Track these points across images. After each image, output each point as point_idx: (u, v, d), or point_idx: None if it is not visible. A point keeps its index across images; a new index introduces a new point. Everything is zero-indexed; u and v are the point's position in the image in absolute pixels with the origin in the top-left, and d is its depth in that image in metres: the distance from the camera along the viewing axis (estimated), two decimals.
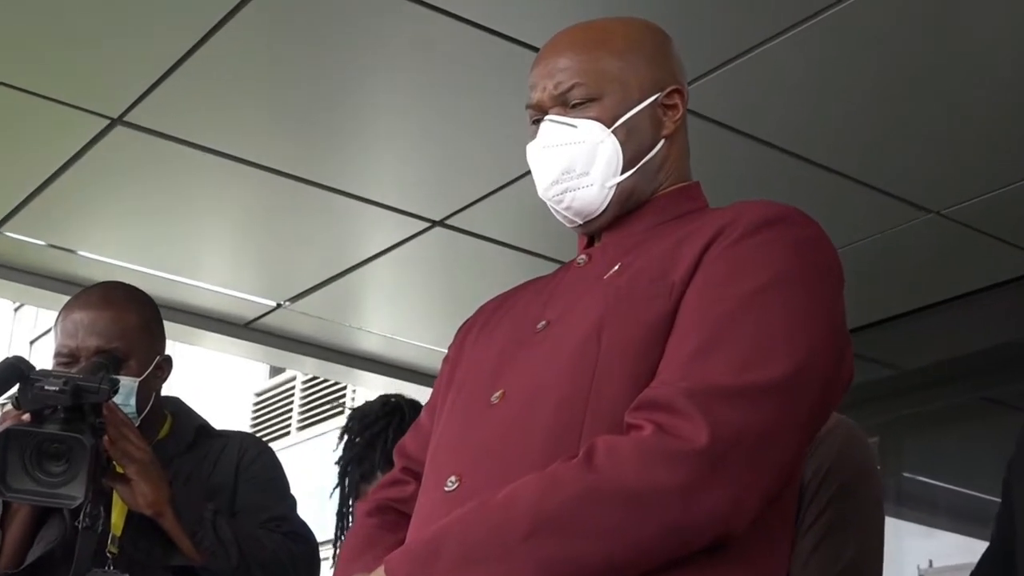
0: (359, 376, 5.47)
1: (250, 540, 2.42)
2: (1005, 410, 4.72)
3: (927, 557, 4.70)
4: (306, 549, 2.55)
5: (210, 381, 10.07)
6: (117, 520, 2.39)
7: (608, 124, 1.73)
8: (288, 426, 10.05)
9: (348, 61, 3.15)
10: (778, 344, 1.48)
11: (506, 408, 1.61)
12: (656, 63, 1.79)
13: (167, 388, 2.65)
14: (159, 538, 2.37)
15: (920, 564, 4.69)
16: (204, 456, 2.59)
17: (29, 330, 15.32)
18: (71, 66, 3.24)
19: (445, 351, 1.93)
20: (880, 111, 3.23)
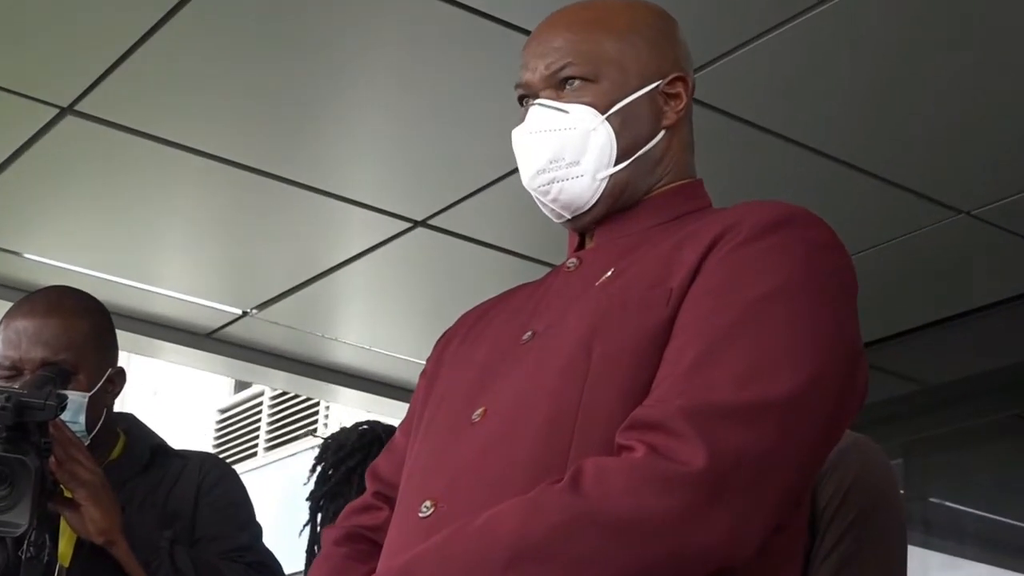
0: (333, 391, 5.48)
1: (210, 571, 2.42)
2: None
3: None
4: None
5: (168, 396, 10.04)
6: (65, 549, 2.38)
7: (603, 110, 1.73)
8: (255, 446, 10.02)
9: (322, 45, 3.15)
10: (783, 358, 1.47)
11: (487, 427, 1.60)
12: (659, 48, 1.78)
13: (120, 404, 2.65)
14: (111, 569, 2.36)
15: None
16: (161, 479, 2.58)
17: None
18: (17, 52, 3.24)
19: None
20: (904, 104, 3.24)
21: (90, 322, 2.56)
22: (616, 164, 1.74)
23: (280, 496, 5.81)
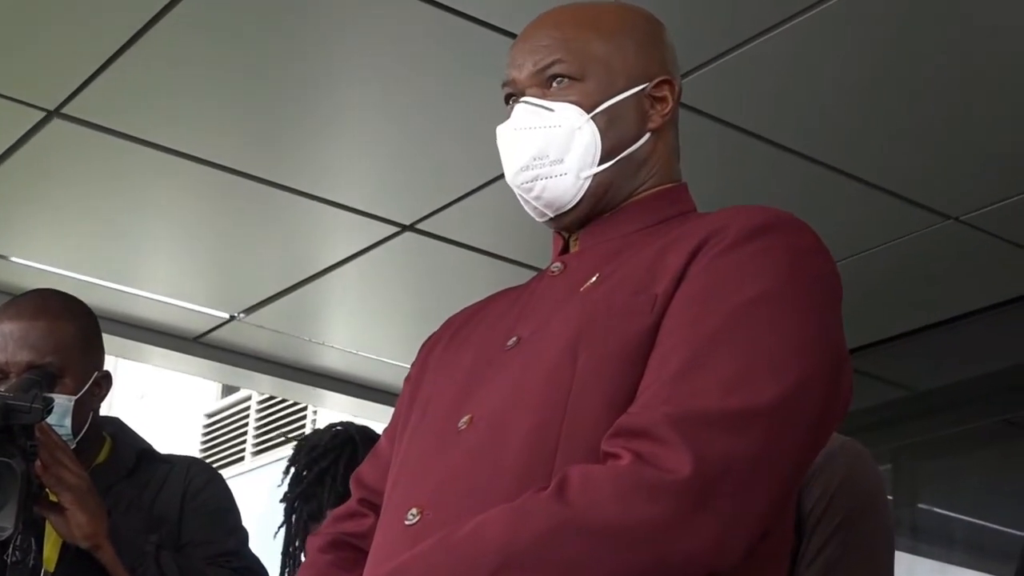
0: (320, 396, 5.47)
1: None
2: None
3: None
4: None
5: (155, 401, 10.03)
6: (50, 554, 2.38)
7: (588, 109, 1.74)
8: (242, 451, 10.00)
9: (309, 48, 3.15)
10: (769, 364, 1.48)
11: (473, 434, 1.60)
12: (647, 51, 1.80)
13: (106, 408, 2.64)
14: (96, 573, 2.36)
15: None
16: (147, 483, 2.59)
17: None
18: (4, 55, 3.24)
19: None
20: (891, 108, 3.25)
21: (76, 325, 2.56)
22: (600, 164, 1.75)
23: (267, 501, 5.80)
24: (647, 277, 1.60)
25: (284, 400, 9.11)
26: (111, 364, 2.67)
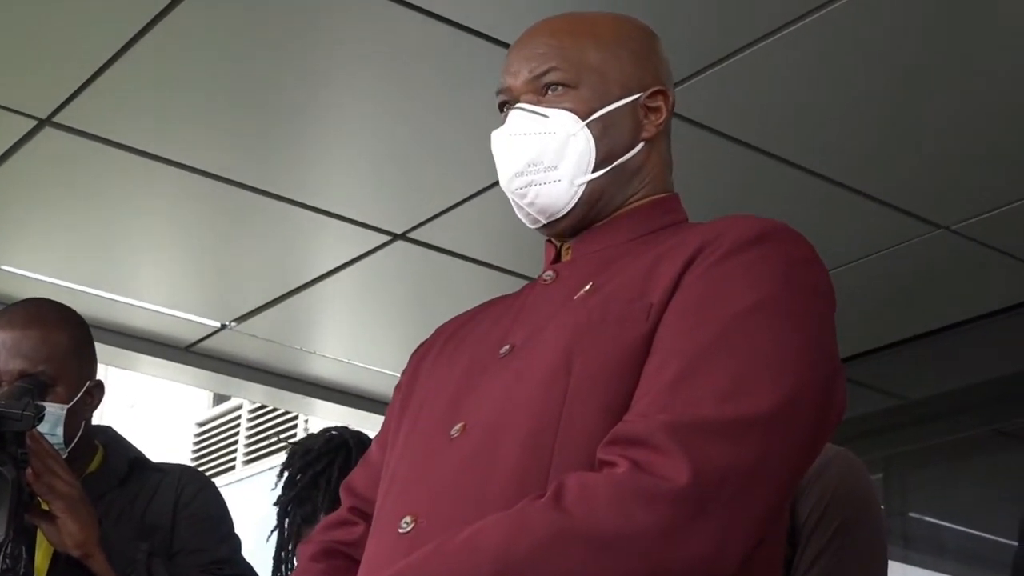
0: (312, 405, 5.47)
1: None
2: (1020, 444, 4.74)
3: None
4: None
5: (146, 409, 10.01)
6: (41, 562, 2.38)
7: (583, 117, 1.75)
8: (233, 460, 9.99)
9: (301, 58, 3.15)
10: (764, 374, 1.48)
11: (467, 442, 1.60)
12: (641, 61, 1.81)
13: (98, 417, 2.64)
14: None
15: None
16: (138, 491, 2.58)
17: None
18: None
19: None
20: (882, 117, 3.25)
21: (69, 334, 2.56)
22: (594, 171, 1.75)
23: (259, 509, 5.79)
24: (642, 286, 1.61)
25: (275, 409, 9.10)
26: (101, 373, 2.67)
